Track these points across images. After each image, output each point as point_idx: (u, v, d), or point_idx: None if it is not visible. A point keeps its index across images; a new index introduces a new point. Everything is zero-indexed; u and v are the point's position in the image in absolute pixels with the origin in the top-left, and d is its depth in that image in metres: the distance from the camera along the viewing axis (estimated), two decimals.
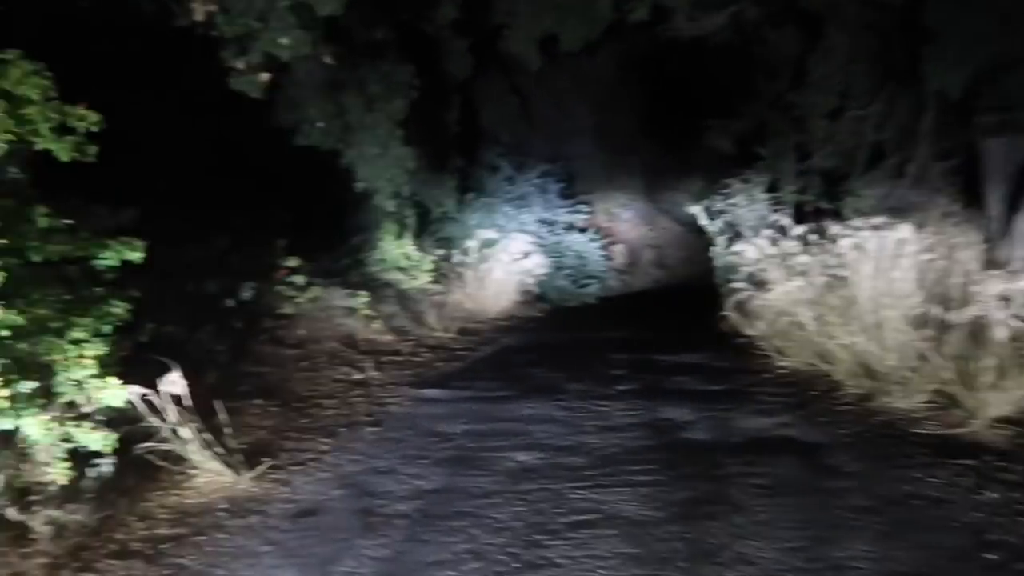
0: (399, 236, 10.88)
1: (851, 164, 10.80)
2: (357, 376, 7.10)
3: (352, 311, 8.91)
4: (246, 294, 6.72)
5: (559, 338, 9.51)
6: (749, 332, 8.34)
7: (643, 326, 10.28)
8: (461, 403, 6.07)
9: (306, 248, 10.30)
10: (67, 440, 3.79)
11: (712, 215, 11.86)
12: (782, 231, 7.91)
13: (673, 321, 10.74)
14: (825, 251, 7.27)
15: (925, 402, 5.10)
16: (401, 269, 10.78)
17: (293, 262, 8.20)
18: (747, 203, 11.50)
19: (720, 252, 11.30)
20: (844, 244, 6.93)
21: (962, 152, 9.56)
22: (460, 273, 11.37)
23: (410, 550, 3.47)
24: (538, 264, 11.71)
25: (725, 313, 10.05)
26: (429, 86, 12.39)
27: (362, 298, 8.97)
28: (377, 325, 8.98)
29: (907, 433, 4.69)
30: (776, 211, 11.83)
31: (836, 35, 9.15)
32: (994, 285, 5.12)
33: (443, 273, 11.33)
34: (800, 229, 7.53)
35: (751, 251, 8.17)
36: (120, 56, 7.26)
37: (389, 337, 8.91)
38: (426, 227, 12.43)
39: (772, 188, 12.04)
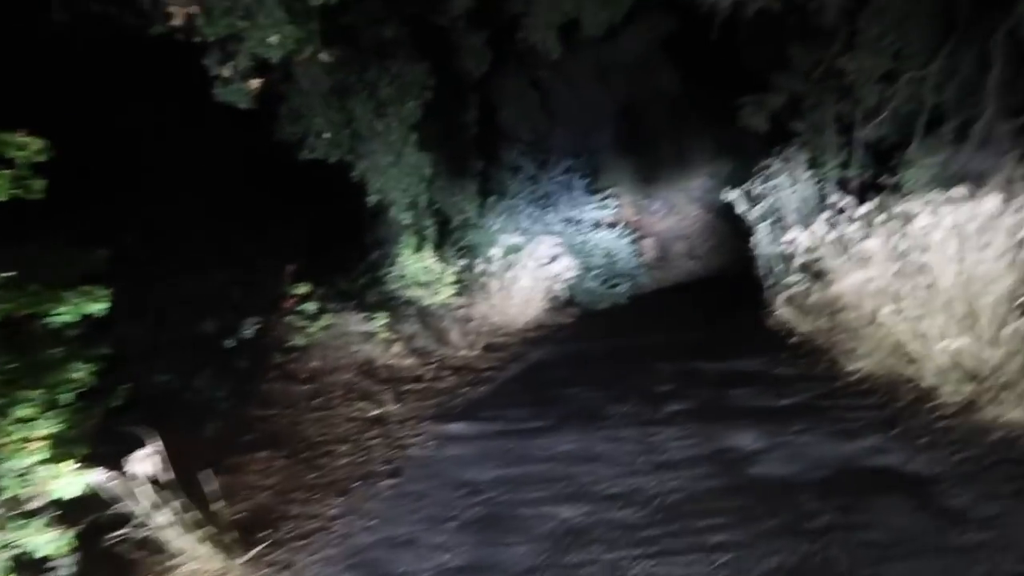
0: (418, 249, 10.13)
1: (907, 131, 9.79)
2: (374, 411, 6.36)
3: (370, 335, 8.19)
4: (248, 331, 6.02)
5: (593, 348, 8.67)
6: (805, 330, 7.43)
7: (683, 327, 9.39)
8: (490, 440, 5.28)
9: (319, 270, 9.62)
10: (9, 547, 3.09)
11: (751, 200, 10.95)
12: (839, 212, 6.99)
13: (715, 319, 9.84)
14: (893, 232, 6.35)
15: None
16: (422, 284, 10.03)
17: (303, 289, 7.48)
18: (790, 184, 10.53)
19: (763, 240, 10.39)
20: (917, 223, 6.03)
21: None
22: (484, 283, 10.60)
23: None
24: (566, 267, 10.87)
25: (773, 308, 9.16)
26: (444, 85, 11.62)
27: (380, 320, 8.24)
28: (397, 348, 8.25)
29: None
30: (824, 191, 10.96)
31: None
32: None
33: (466, 285, 10.57)
34: (862, 209, 6.61)
35: (804, 237, 7.25)
36: (103, 72, 6.65)
37: (410, 361, 8.17)
38: (447, 237, 11.68)
39: (816, 165, 11.05)
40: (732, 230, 19.62)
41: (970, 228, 5.42)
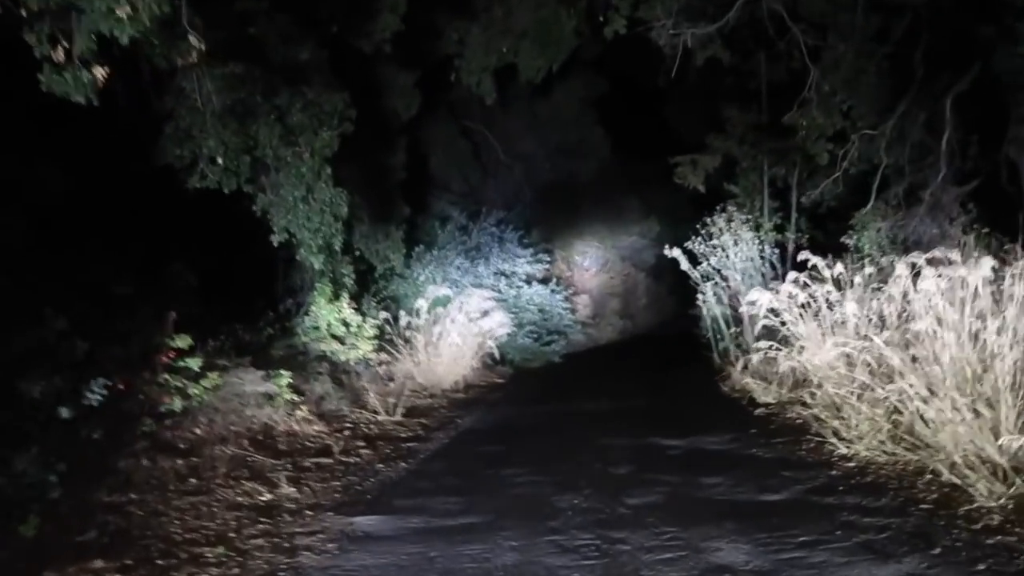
0: (335, 298, 8.81)
1: (852, 195, 9.24)
2: (264, 497, 4.96)
3: (270, 397, 6.79)
4: (96, 393, 4.56)
5: (532, 414, 7.50)
6: (770, 400, 6.50)
7: (629, 391, 8.36)
8: (408, 542, 3.98)
9: (217, 319, 8.20)
10: None
11: (693, 259, 10.17)
12: (802, 271, 6.15)
13: (662, 384, 8.88)
14: (871, 297, 5.51)
15: None
16: (337, 338, 8.69)
17: (184, 340, 6.05)
18: (733, 243, 9.81)
19: (709, 300, 9.58)
20: (898, 287, 5.21)
21: (984, 173, 8.07)
22: (409, 338, 9.34)
23: None
24: (499, 323, 9.73)
25: (727, 374, 8.26)
26: (368, 123, 10.51)
27: (282, 379, 6.86)
28: (303, 412, 6.86)
29: None
30: (765, 252, 10.28)
31: (841, 46, 7.57)
32: None
33: (389, 339, 9.29)
34: (837, 269, 5.78)
35: (766, 299, 6.37)
36: None
37: (317, 427, 6.78)
38: (368, 286, 10.42)
39: (759, 227, 10.42)
40: (664, 289, 19.08)
41: (961, 295, 4.63)
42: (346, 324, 8.80)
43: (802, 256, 5.99)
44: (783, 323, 6.20)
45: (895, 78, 7.73)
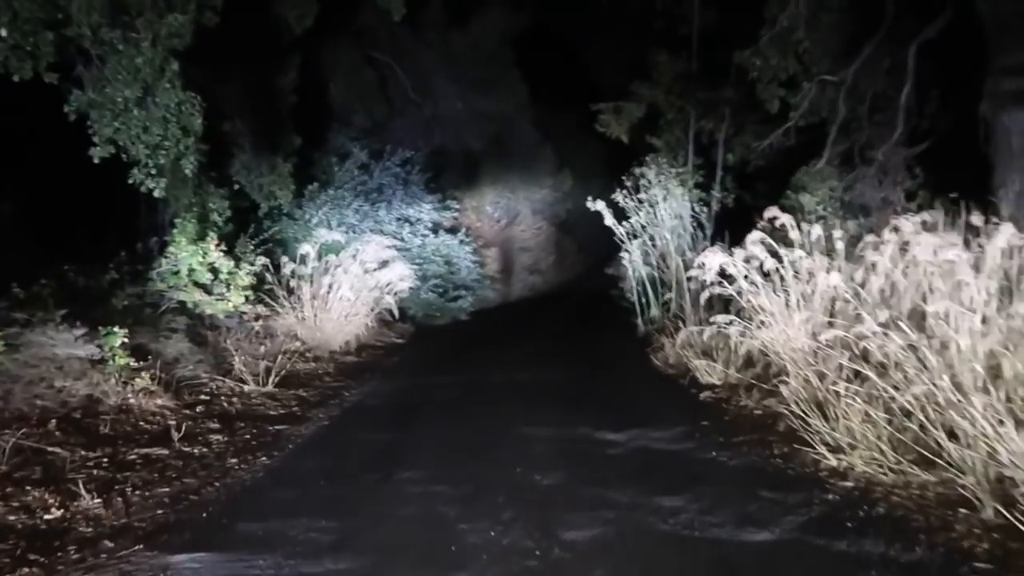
0: (199, 238, 7.05)
1: (791, 152, 8.22)
2: (50, 516, 3.39)
3: (97, 363, 5.08)
4: None
5: (434, 387, 6.12)
6: (715, 381, 5.40)
7: (547, 359, 7.11)
8: None
9: (50, 260, 6.38)
10: None
11: (618, 214, 8.96)
12: (768, 231, 5.01)
13: (584, 350, 7.69)
14: (856, 267, 4.43)
15: None
16: (202, 286, 6.96)
17: None
18: (663, 199, 8.65)
19: (635, 260, 8.42)
20: (885, 255, 4.15)
21: (939, 132, 7.19)
22: (294, 289, 7.70)
23: None
24: (400, 275, 8.21)
25: (658, 345, 7.15)
26: (252, 31, 8.55)
27: (114, 338, 5.15)
28: (144, 381, 5.18)
29: None
30: (704, 210, 9.21)
31: None
32: None
33: (270, 290, 7.62)
34: (815, 233, 4.65)
35: (718, 262, 5.20)
36: None
37: (161, 401, 5.13)
38: (248, 227, 8.62)
39: (683, 183, 9.28)
40: (574, 246, 17.96)
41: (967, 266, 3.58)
42: (214, 270, 7.08)
43: (769, 213, 4.82)
44: (739, 292, 5.07)
45: (860, 17, 6.65)
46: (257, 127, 8.84)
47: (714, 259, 5.22)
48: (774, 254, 4.66)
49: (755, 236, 4.76)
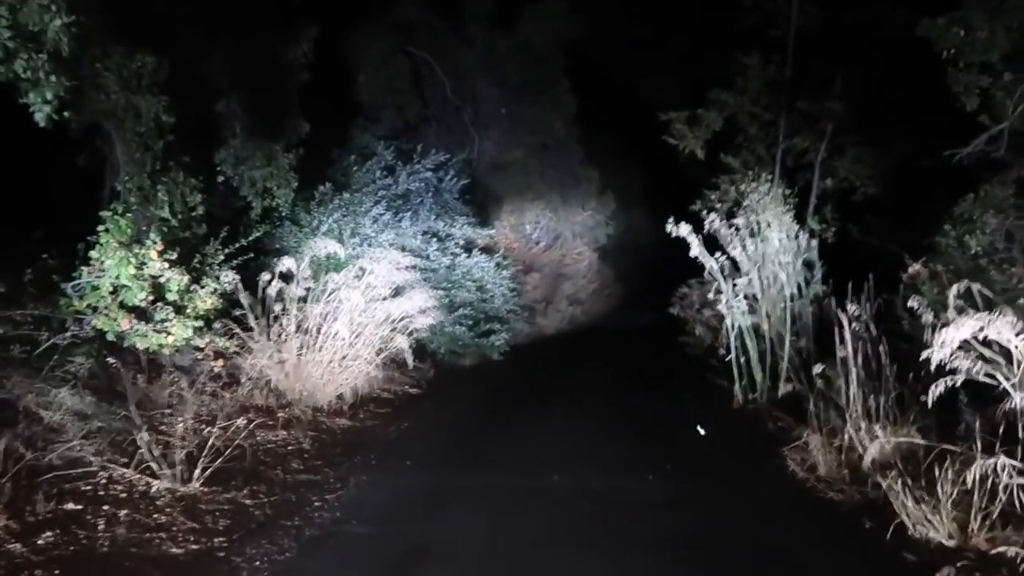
0: (134, 239, 4.69)
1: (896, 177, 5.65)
2: None
3: None
4: None
5: (456, 494, 3.63)
6: (940, 538, 2.88)
7: (616, 438, 4.64)
8: None
9: None
10: None
11: (705, 244, 6.36)
12: None
13: (663, 427, 5.16)
14: None
15: None
16: (135, 309, 4.58)
17: None
18: (768, 226, 6.11)
19: (731, 303, 5.89)
20: None
21: None
22: (279, 317, 5.29)
23: None
24: (421, 306, 5.76)
25: (785, 427, 4.57)
26: None
27: None
28: None
29: None
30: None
31: None
32: None
33: (242, 317, 5.21)
34: None
35: (965, 330, 2.67)
36: None
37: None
38: (240, 231, 6.23)
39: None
40: (614, 273, 15.45)
41: None
42: (157, 286, 4.71)
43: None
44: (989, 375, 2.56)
45: None
46: (254, 105, 6.55)
47: (963, 327, 2.72)
48: None
49: None
